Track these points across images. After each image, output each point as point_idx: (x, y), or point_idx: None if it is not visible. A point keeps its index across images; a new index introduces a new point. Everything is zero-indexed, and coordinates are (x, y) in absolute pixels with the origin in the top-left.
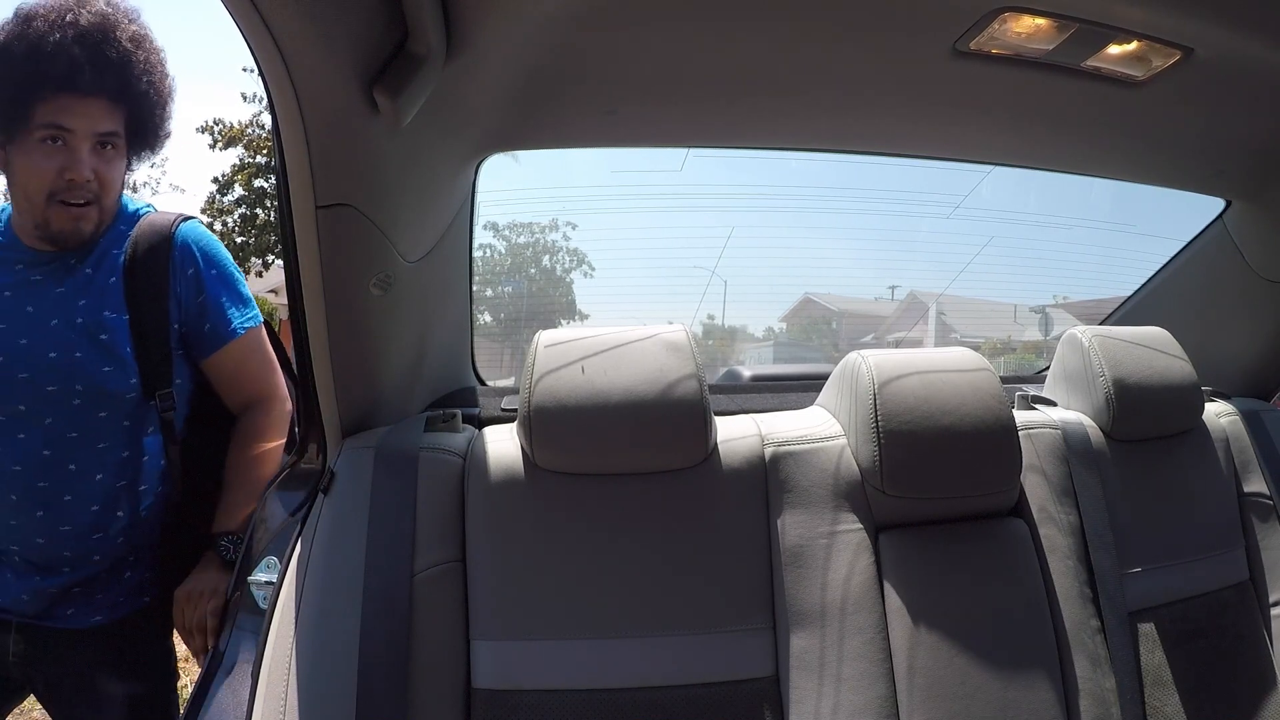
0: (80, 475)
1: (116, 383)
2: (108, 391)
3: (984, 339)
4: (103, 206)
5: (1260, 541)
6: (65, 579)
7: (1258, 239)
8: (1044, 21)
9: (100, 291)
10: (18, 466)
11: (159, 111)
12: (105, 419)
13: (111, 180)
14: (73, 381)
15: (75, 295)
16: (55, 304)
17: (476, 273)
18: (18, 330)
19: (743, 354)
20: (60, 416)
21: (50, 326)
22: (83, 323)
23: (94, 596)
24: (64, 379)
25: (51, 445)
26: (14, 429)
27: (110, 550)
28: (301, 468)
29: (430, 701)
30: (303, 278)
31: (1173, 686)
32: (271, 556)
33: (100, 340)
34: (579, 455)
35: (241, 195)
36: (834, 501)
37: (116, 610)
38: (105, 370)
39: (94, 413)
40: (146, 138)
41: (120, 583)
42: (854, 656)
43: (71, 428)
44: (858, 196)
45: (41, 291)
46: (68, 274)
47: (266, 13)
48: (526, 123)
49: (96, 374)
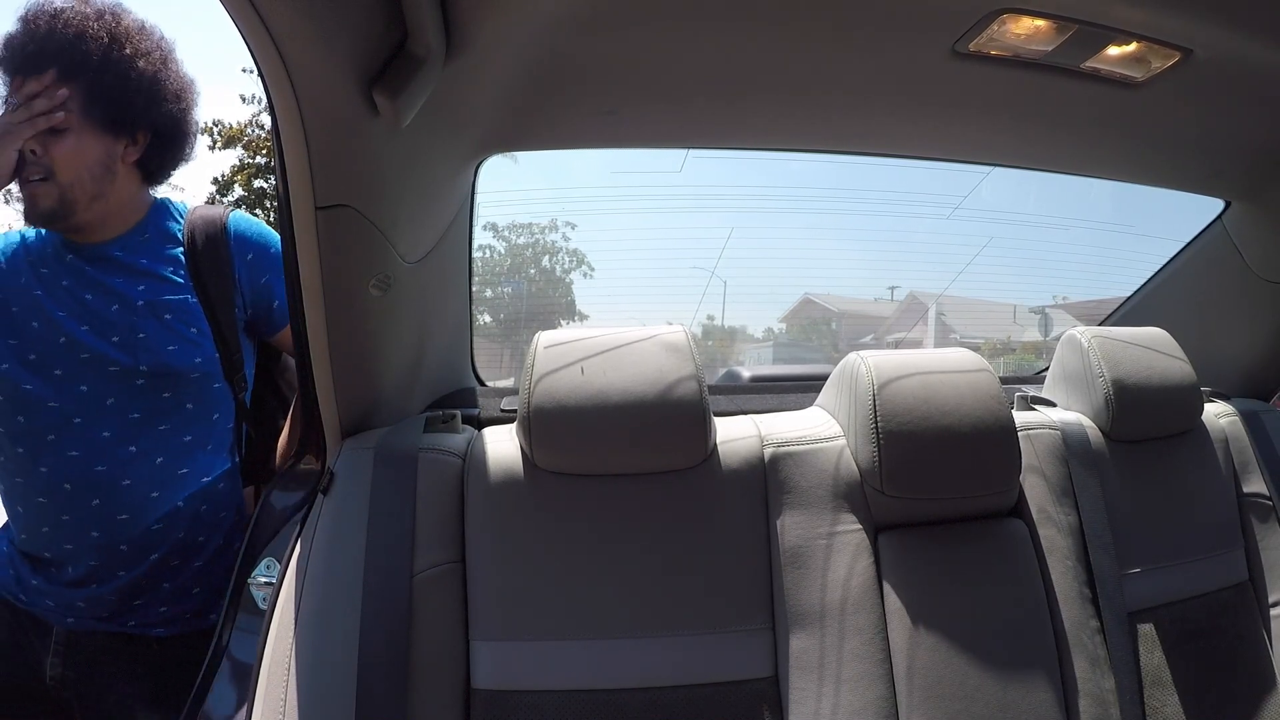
0: (140, 458)
1: (182, 360)
2: (174, 369)
3: (983, 339)
4: (61, 184)
5: (1260, 542)
6: (121, 581)
7: (1257, 239)
8: (1043, 23)
9: (159, 279)
10: (75, 452)
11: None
12: (169, 400)
13: (64, 158)
14: (137, 360)
15: (133, 283)
16: (113, 292)
17: (476, 273)
18: (78, 317)
19: (742, 354)
20: (122, 396)
21: (111, 312)
22: (144, 304)
23: (155, 606)
24: (129, 357)
25: (112, 426)
26: (72, 413)
27: (169, 547)
28: (301, 468)
29: (430, 702)
30: (302, 278)
31: (1172, 687)
32: (271, 557)
33: (165, 319)
34: (578, 456)
35: (241, 196)
36: (833, 502)
37: (175, 625)
38: (171, 349)
39: (158, 393)
40: (117, 117)
41: (185, 596)
42: (853, 657)
43: (133, 408)
44: (858, 197)
45: (98, 281)
46: (122, 268)
47: (266, 13)
48: (526, 123)
49: (162, 351)
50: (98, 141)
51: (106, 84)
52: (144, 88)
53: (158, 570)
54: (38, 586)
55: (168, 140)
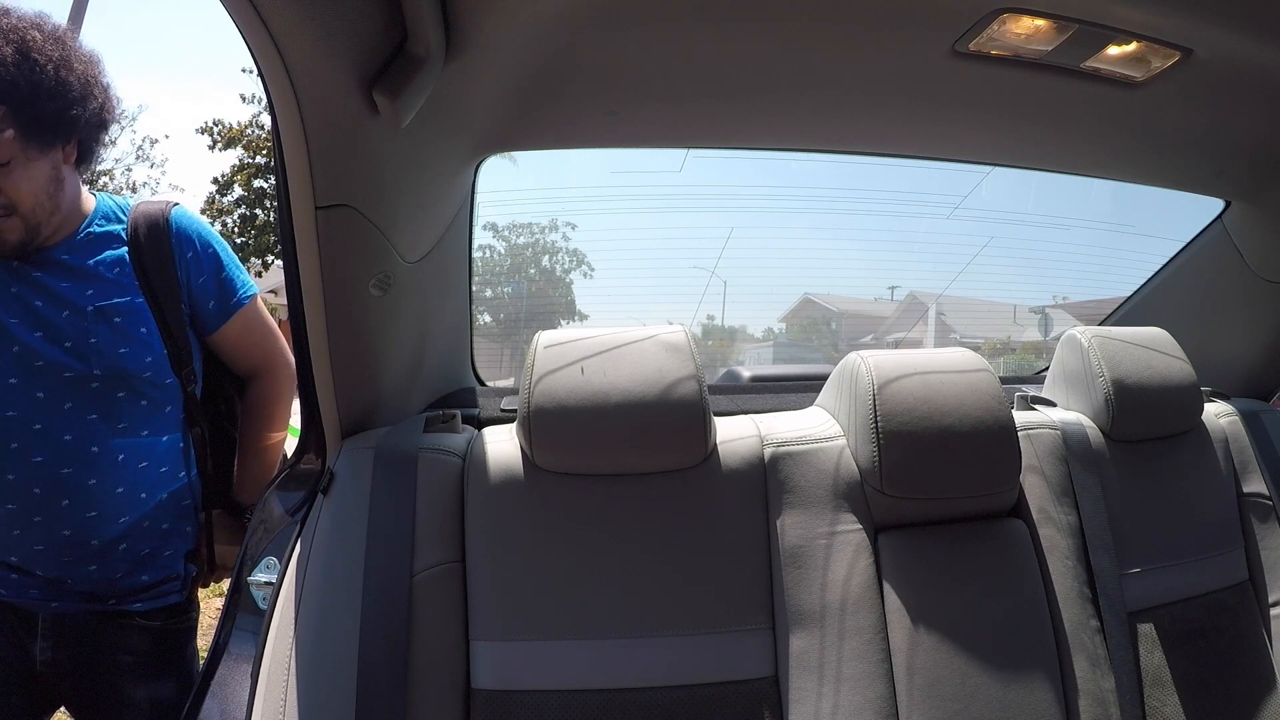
0: (103, 456)
1: (133, 362)
2: (127, 371)
3: (983, 339)
4: (24, 214)
5: (1259, 542)
6: (93, 572)
7: (1257, 239)
8: (1043, 22)
9: (105, 281)
10: (39, 458)
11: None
12: (124, 399)
13: (18, 188)
14: (91, 365)
15: (82, 286)
16: (62, 298)
17: (476, 273)
18: (29, 324)
19: (742, 354)
20: (79, 400)
21: (62, 318)
22: (94, 310)
23: (130, 587)
24: (82, 363)
25: (72, 429)
26: (31, 419)
27: (137, 535)
28: (301, 468)
29: (429, 702)
30: (302, 278)
31: (1172, 686)
32: (271, 557)
33: (115, 323)
34: (578, 456)
35: (241, 196)
36: (833, 502)
37: (153, 600)
38: (122, 351)
39: (114, 394)
40: (55, 130)
41: (156, 575)
42: (853, 657)
43: (91, 410)
44: (857, 197)
45: (46, 287)
46: (69, 271)
47: (266, 13)
48: (526, 124)
49: (114, 355)
50: (44, 159)
51: (39, 104)
52: (71, 92)
53: (127, 557)
54: (17, 580)
55: (97, 126)
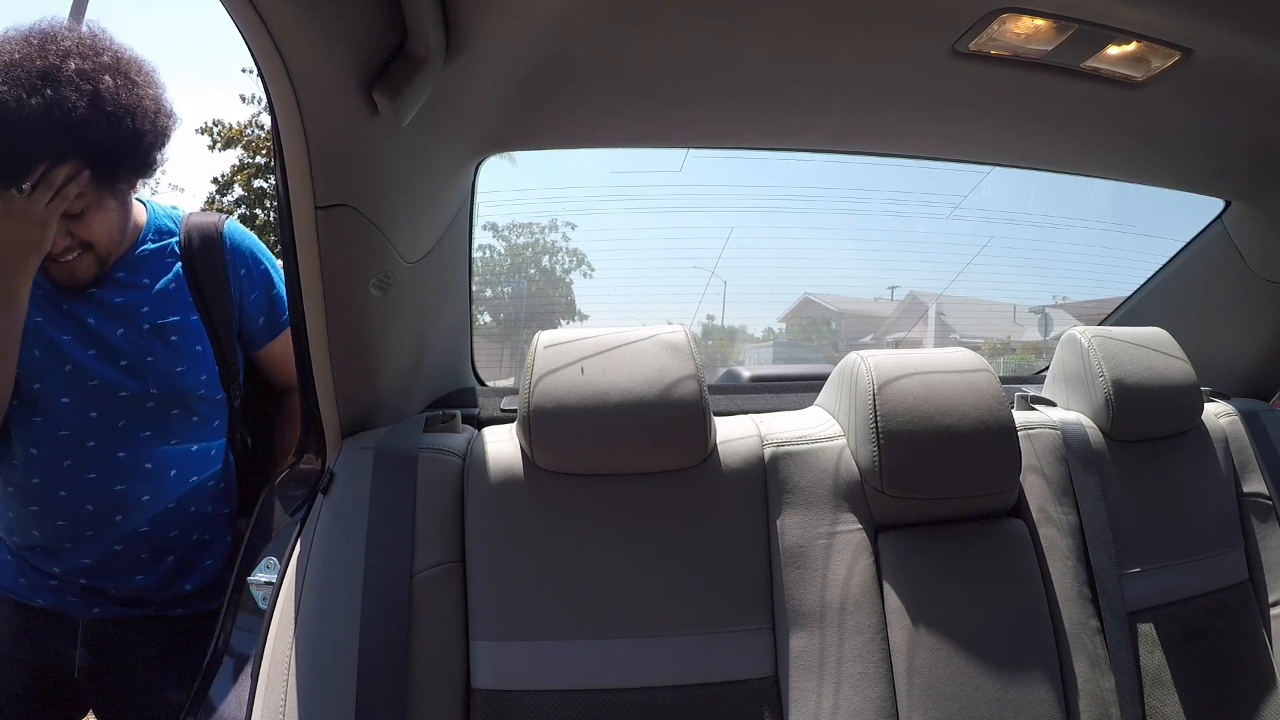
0: (155, 472)
1: (189, 380)
2: (183, 390)
3: (983, 339)
4: (99, 251)
5: (1260, 542)
6: (140, 584)
7: (1257, 239)
8: (1043, 22)
9: (161, 297)
10: (93, 474)
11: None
12: (177, 416)
13: (93, 230)
14: (148, 384)
15: (137, 303)
16: (117, 315)
17: (476, 273)
18: (83, 343)
19: (742, 354)
20: (133, 418)
21: (117, 335)
22: (150, 328)
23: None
24: (139, 381)
25: (126, 446)
26: (84, 437)
27: (184, 547)
28: (301, 468)
29: (429, 702)
30: (302, 278)
31: (1172, 686)
32: (271, 557)
33: (171, 341)
34: (578, 456)
35: (241, 196)
36: (833, 502)
37: (191, 606)
38: (179, 370)
39: (168, 411)
40: (131, 173)
41: (198, 583)
42: (853, 657)
43: (145, 427)
44: (857, 197)
45: (100, 304)
46: (124, 287)
47: (266, 13)
48: (526, 123)
49: (170, 374)
50: (115, 197)
51: (117, 156)
52: (145, 138)
53: (174, 567)
54: (56, 587)
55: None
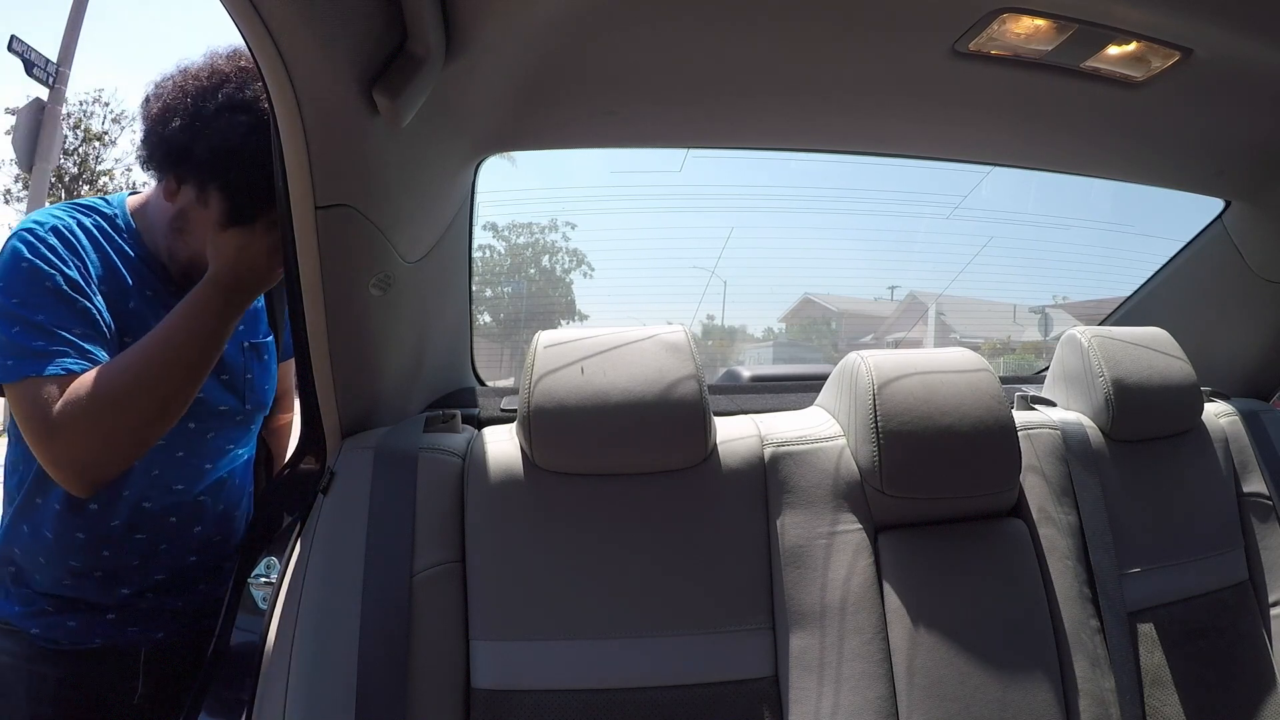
0: (227, 481)
1: (270, 396)
2: (265, 405)
3: (983, 339)
4: None
5: (1260, 541)
6: (201, 596)
7: (1257, 239)
8: (1043, 22)
9: (253, 315)
10: (180, 485)
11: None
12: (251, 429)
13: None
14: (245, 401)
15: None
16: None
17: (476, 273)
18: None
19: (742, 354)
20: (224, 431)
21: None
22: (248, 345)
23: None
24: (236, 398)
25: (212, 458)
26: (175, 448)
27: (229, 551)
28: (301, 468)
29: (430, 702)
30: (302, 278)
31: (1172, 686)
32: (271, 557)
33: (264, 360)
34: (578, 455)
35: None
36: (833, 502)
37: None
38: (267, 388)
39: (251, 425)
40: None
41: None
42: (853, 657)
43: (231, 440)
44: (857, 197)
45: None
46: None
47: (266, 13)
48: (526, 124)
49: (262, 391)
50: None
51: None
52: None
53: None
54: (114, 620)
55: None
